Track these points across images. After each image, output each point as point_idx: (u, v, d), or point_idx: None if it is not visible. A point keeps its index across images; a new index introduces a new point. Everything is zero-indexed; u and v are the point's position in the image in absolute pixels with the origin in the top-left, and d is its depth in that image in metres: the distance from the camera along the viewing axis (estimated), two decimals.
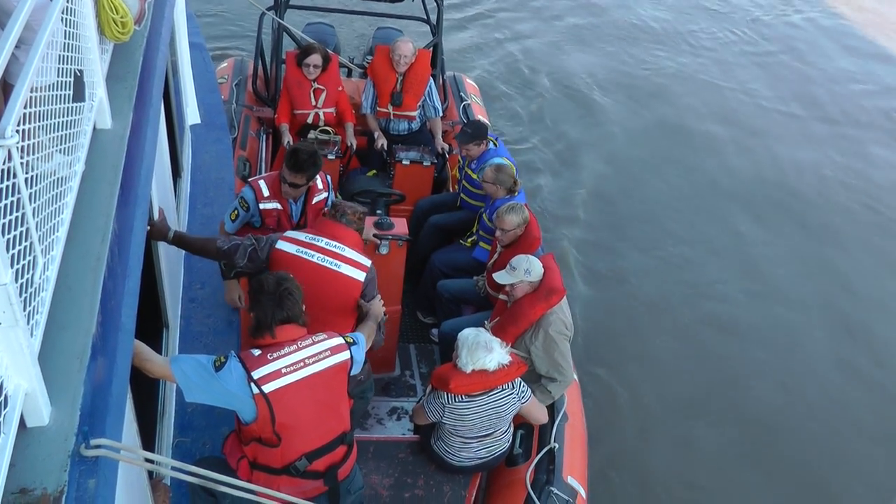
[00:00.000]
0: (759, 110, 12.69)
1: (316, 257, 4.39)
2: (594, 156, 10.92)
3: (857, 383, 7.79)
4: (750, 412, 7.31)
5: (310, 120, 7.31)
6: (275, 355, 3.53)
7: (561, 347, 5.09)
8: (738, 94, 13.12)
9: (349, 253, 4.48)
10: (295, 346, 3.59)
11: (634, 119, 11.97)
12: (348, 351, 3.75)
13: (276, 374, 3.48)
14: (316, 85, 7.21)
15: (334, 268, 4.41)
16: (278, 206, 5.17)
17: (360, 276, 4.47)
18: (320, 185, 5.35)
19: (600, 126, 11.66)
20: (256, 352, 3.54)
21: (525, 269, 5.11)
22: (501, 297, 5.40)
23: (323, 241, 4.44)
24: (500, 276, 5.20)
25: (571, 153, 10.93)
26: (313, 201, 5.31)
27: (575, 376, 5.72)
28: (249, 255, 4.41)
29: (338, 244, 4.47)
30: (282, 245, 4.44)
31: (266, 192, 5.15)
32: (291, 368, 3.53)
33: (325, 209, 4.87)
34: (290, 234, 4.52)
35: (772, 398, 7.48)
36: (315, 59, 7.14)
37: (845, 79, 14.15)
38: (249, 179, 5.30)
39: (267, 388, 3.45)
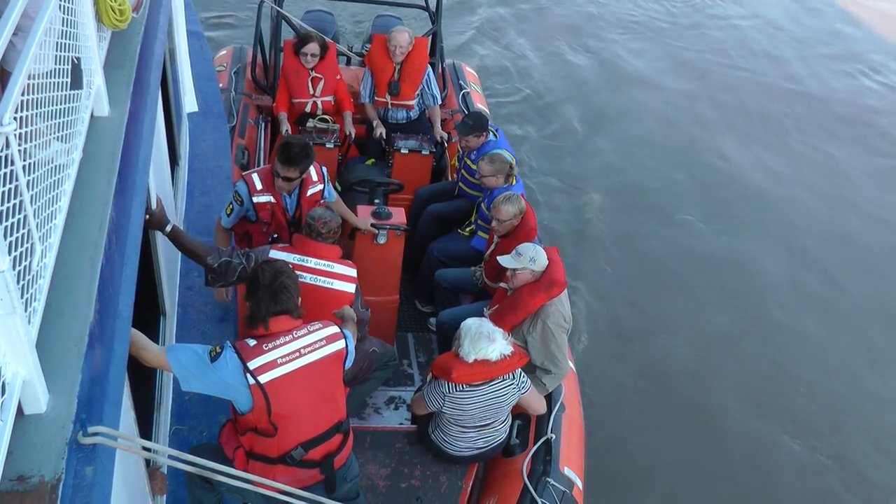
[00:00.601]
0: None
1: (309, 278, 4.57)
2: (596, 143, 10.92)
3: (857, 384, 7.82)
4: (749, 408, 7.33)
5: (308, 109, 7.29)
6: (270, 346, 3.55)
7: (558, 339, 5.10)
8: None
9: (337, 268, 4.71)
10: (290, 335, 3.61)
11: (636, 107, 11.96)
12: (344, 340, 3.79)
13: (272, 365, 3.50)
14: (314, 74, 7.19)
15: (328, 286, 4.64)
16: (272, 199, 5.15)
17: (351, 288, 4.72)
18: (315, 177, 5.33)
19: (603, 116, 11.65)
20: (252, 342, 3.56)
21: (530, 258, 5.12)
22: (502, 285, 5.40)
23: (312, 262, 4.64)
24: (505, 260, 5.19)
25: (573, 142, 10.93)
26: (308, 193, 5.28)
27: (572, 367, 5.74)
28: (239, 274, 4.52)
29: (325, 262, 4.68)
30: None
31: (259, 186, 5.12)
32: (287, 359, 3.55)
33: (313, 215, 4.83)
34: (278, 255, 4.59)
35: (772, 395, 7.51)
36: (313, 47, 7.12)
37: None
38: (243, 173, 5.26)
39: (263, 378, 3.47)
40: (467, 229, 6.52)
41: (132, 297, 2.98)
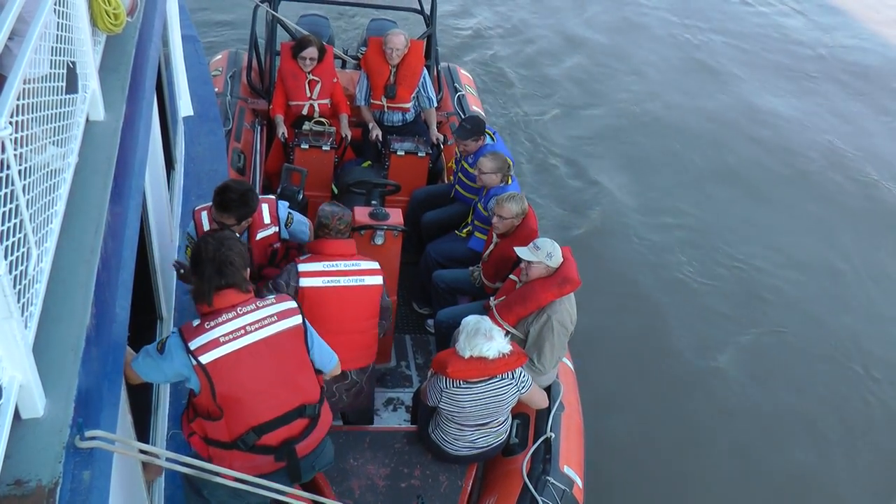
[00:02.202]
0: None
1: (342, 281, 4.68)
2: (592, 146, 10.92)
3: (858, 383, 7.83)
4: (748, 405, 7.33)
5: (304, 111, 7.29)
6: (212, 324, 3.35)
7: (556, 337, 5.10)
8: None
9: (363, 265, 4.80)
10: (234, 312, 3.41)
11: (634, 107, 11.97)
12: (300, 315, 3.61)
13: (214, 344, 3.31)
14: (311, 76, 7.19)
15: (360, 283, 4.75)
16: None
17: (380, 279, 4.84)
18: (267, 220, 4.95)
19: (600, 117, 11.65)
20: (196, 322, 3.39)
21: (548, 252, 5.14)
22: (512, 277, 5.41)
23: (342, 265, 4.72)
24: (523, 252, 5.20)
25: (570, 143, 10.93)
26: (257, 237, 4.89)
27: (571, 366, 5.74)
28: None
29: (352, 262, 4.77)
30: (306, 283, 4.62)
31: (206, 226, 4.74)
32: (230, 337, 3.34)
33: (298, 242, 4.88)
34: (306, 268, 4.65)
35: (771, 392, 7.51)
36: (311, 51, 7.12)
37: None
38: (194, 209, 4.88)
39: (203, 358, 3.29)
40: (464, 230, 6.53)
41: (129, 301, 2.99)
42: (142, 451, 2.97)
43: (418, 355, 6.47)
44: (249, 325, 3.40)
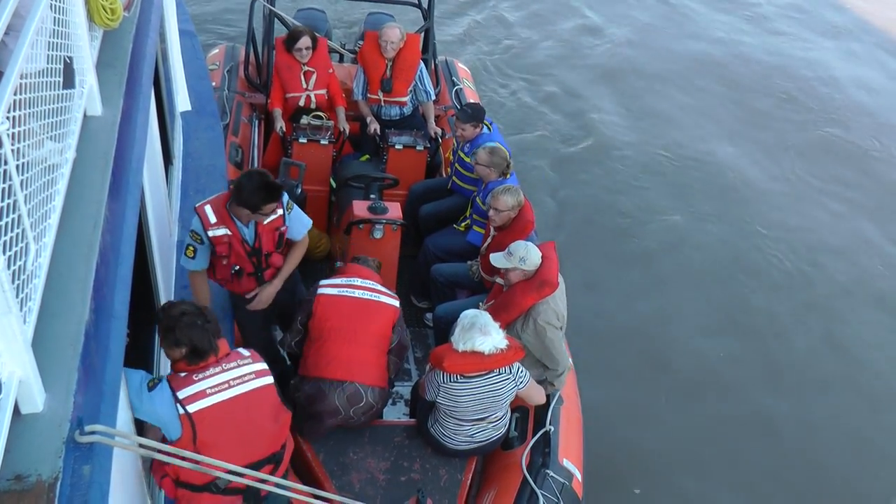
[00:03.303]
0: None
1: (357, 293, 4.95)
2: (588, 139, 10.91)
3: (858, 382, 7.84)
4: (747, 401, 7.33)
5: (302, 102, 7.29)
6: (200, 376, 3.64)
7: (550, 335, 5.09)
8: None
9: (381, 288, 5.06)
10: (220, 367, 3.71)
11: (628, 102, 11.95)
12: (271, 376, 3.90)
13: (201, 395, 3.60)
14: (306, 67, 7.19)
15: (375, 298, 4.97)
16: (228, 231, 4.78)
17: (396, 303, 5.04)
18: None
19: (595, 110, 11.63)
20: (182, 374, 3.65)
21: (521, 257, 5.10)
22: (498, 280, 5.40)
23: (358, 281, 5.02)
24: (496, 259, 5.19)
25: (565, 136, 10.92)
26: (264, 222, 4.89)
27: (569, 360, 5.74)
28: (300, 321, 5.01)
29: (370, 282, 5.05)
30: (323, 291, 4.96)
31: (213, 219, 4.74)
32: (216, 389, 3.64)
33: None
34: (327, 281, 5.04)
35: (769, 388, 7.50)
36: (305, 41, 7.11)
37: None
38: (196, 205, 4.85)
39: (191, 407, 3.55)
40: (463, 224, 6.53)
41: (128, 296, 2.99)
42: (141, 446, 2.97)
43: (417, 349, 6.47)
44: (233, 379, 3.72)
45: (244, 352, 3.91)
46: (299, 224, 5.12)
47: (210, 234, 4.74)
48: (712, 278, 8.70)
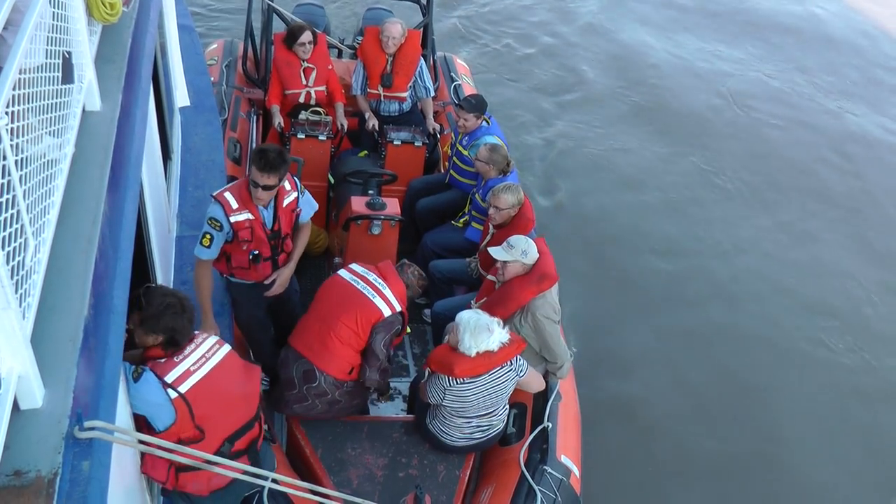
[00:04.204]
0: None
1: (360, 284, 4.95)
2: (585, 137, 10.90)
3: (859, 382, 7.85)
4: (747, 399, 7.33)
5: (301, 99, 7.28)
6: (179, 357, 3.70)
7: (549, 329, 5.10)
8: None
9: (388, 293, 4.94)
10: (194, 344, 3.79)
11: (627, 100, 11.95)
12: (228, 344, 4.01)
13: (187, 374, 3.67)
14: (306, 64, 7.18)
15: (368, 294, 4.91)
16: (250, 215, 4.83)
17: (386, 310, 4.90)
18: (288, 186, 5.03)
19: (593, 108, 11.62)
20: (161, 360, 3.69)
21: (522, 250, 5.11)
22: (490, 277, 5.40)
23: (372, 276, 4.99)
24: (496, 252, 5.18)
25: (562, 134, 10.92)
26: (284, 204, 4.99)
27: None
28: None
29: (383, 283, 4.96)
30: (340, 271, 5.11)
31: (235, 204, 4.80)
32: (197, 366, 3.73)
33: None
34: (353, 265, 5.12)
35: (769, 386, 7.52)
36: (307, 36, 7.11)
37: None
38: (213, 193, 4.90)
39: (182, 388, 3.62)
40: (461, 220, 6.52)
41: (127, 291, 2.99)
42: (141, 442, 2.97)
43: (415, 345, 6.48)
44: (206, 352, 3.82)
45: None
46: (309, 207, 5.24)
47: (232, 219, 4.80)
48: (710, 279, 8.74)
